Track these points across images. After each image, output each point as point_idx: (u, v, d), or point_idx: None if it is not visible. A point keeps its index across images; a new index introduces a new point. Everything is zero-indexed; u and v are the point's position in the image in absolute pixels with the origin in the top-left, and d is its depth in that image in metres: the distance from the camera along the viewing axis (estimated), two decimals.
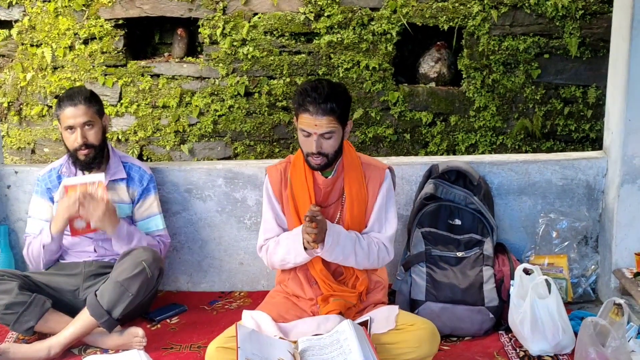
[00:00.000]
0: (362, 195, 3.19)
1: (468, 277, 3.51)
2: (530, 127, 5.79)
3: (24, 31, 6.13)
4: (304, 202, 3.16)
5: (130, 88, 6.06)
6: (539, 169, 3.92)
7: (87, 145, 3.50)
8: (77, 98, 3.52)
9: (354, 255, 3.12)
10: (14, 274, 3.45)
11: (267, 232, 3.27)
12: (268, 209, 3.27)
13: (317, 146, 3.02)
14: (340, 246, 3.08)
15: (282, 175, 3.24)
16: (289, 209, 3.20)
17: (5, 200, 4.02)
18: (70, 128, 3.50)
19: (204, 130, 6.04)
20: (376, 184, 3.21)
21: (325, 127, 3.00)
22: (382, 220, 3.22)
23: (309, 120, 3.00)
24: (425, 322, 3.02)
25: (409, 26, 5.78)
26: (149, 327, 3.59)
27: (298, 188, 3.19)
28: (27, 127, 6.32)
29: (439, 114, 5.91)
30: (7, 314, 3.30)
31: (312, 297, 3.18)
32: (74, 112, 3.49)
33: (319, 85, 3.02)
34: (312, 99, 2.98)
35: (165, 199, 3.93)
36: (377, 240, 3.19)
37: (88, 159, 3.52)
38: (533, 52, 5.72)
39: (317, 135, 3.01)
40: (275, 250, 3.19)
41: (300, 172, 3.19)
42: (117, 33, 6.04)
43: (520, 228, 3.95)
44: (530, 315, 3.21)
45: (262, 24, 5.85)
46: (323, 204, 3.19)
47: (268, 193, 3.27)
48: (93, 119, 3.53)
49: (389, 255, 3.23)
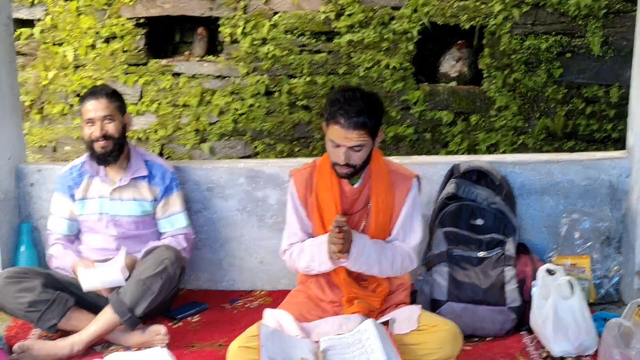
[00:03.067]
0: (389, 204, 3.14)
1: (490, 277, 3.50)
2: (552, 126, 5.76)
3: (46, 30, 6.18)
4: (330, 209, 3.11)
5: (151, 87, 6.10)
6: (561, 169, 3.90)
7: (106, 137, 3.52)
8: (99, 93, 3.56)
9: (378, 265, 3.08)
10: (37, 271, 3.49)
11: (291, 236, 3.23)
12: (293, 214, 3.22)
13: (345, 158, 2.95)
14: (365, 256, 3.04)
15: (307, 180, 3.19)
16: (314, 215, 3.16)
17: (29, 198, 4.05)
18: (91, 121, 3.53)
19: (224, 129, 6.06)
20: (403, 192, 3.15)
21: (355, 141, 2.93)
22: (407, 229, 3.17)
23: (339, 133, 2.93)
24: (448, 323, 3.00)
25: (430, 25, 5.77)
26: (171, 325, 3.61)
27: (324, 195, 3.14)
28: (49, 126, 6.37)
29: (460, 114, 5.89)
30: (31, 311, 3.33)
31: (334, 300, 3.17)
32: (95, 105, 3.52)
33: (352, 97, 2.93)
34: (345, 111, 2.90)
35: (186, 197, 3.94)
36: (402, 250, 3.15)
37: (105, 151, 3.54)
38: (555, 51, 5.69)
39: (347, 147, 2.95)
40: (299, 257, 3.16)
41: (327, 179, 3.13)
42: (139, 32, 6.07)
43: (543, 228, 3.93)
44: (552, 316, 3.19)
45: (282, 23, 5.87)
46: (348, 212, 3.14)
47: (293, 198, 3.21)
48: (113, 113, 3.55)
49: (413, 264, 3.19)
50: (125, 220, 3.65)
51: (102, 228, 3.66)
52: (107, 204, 3.64)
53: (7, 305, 3.36)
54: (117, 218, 3.64)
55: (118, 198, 3.64)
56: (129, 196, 3.65)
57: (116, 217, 3.64)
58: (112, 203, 3.64)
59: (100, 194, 3.65)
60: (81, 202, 3.66)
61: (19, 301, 3.33)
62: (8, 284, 3.35)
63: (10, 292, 3.34)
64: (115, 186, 3.63)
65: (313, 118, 5.96)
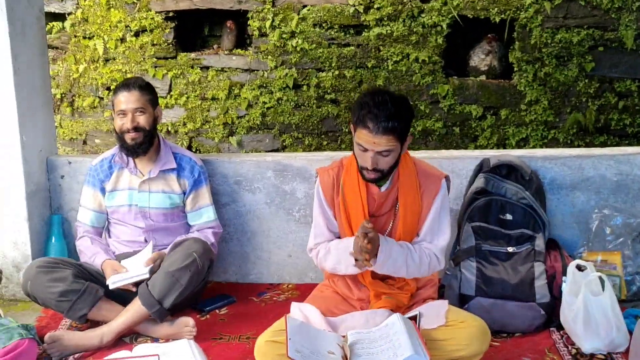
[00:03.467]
0: (416, 206, 3.10)
1: (519, 272, 3.48)
2: (583, 121, 5.70)
3: (77, 24, 6.24)
4: (357, 211, 3.09)
5: (179, 80, 6.13)
6: (593, 164, 3.86)
7: (137, 129, 3.55)
8: (132, 85, 3.59)
9: (405, 268, 3.05)
10: (68, 262, 3.52)
11: (318, 236, 3.21)
12: (319, 214, 3.19)
13: (372, 163, 2.91)
14: (392, 260, 3.01)
15: (334, 180, 3.15)
16: (341, 216, 3.14)
17: (59, 190, 4.10)
18: (122, 112, 3.56)
19: (253, 122, 6.08)
20: (431, 194, 3.11)
21: (384, 146, 2.88)
22: (435, 230, 3.13)
23: (368, 137, 2.88)
24: (476, 320, 2.97)
25: (460, 18, 5.73)
26: (199, 317, 3.63)
27: (350, 197, 3.10)
28: (79, 119, 6.44)
29: (489, 108, 5.85)
30: (62, 301, 3.37)
31: (362, 298, 3.16)
32: (127, 97, 3.55)
33: (382, 101, 2.87)
34: (374, 115, 2.85)
35: (214, 190, 3.97)
36: (429, 252, 3.11)
37: (135, 142, 3.56)
38: (587, 45, 5.63)
39: (375, 152, 2.91)
40: (325, 258, 3.15)
41: (354, 180, 3.10)
42: (168, 25, 6.11)
43: (573, 224, 3.89)
44: (583, 313, 3.17)
45: (311, 16, 5.86)
46: (375, 214, 3.12)
47: (319, 197, 3.18)
48: (145, 106, 3.57)
49: (440, 265, 3.15)
50: (153, 212, 3.68)
51: (130, 220, 3.69)
52: (136, 196, 3.67)
53: (39, 294, 3.40)
54: (145, 210, 3.67)
55: (147, 190, 3.67)
56: (157, 188, 3.68)
57: (145, 209, 3.67)
58: (140, 195, 3.67)
59: (129, 185, 3.68)
60: (111, 194, 3.69)
61: (50, 290, 3.37)
62: (40, 274, 3.39)
63: (43, 281, 3.38)
64: (144, 178, 3.66)
65: (341, 112, 5.95)
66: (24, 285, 3.43)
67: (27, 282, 3.40)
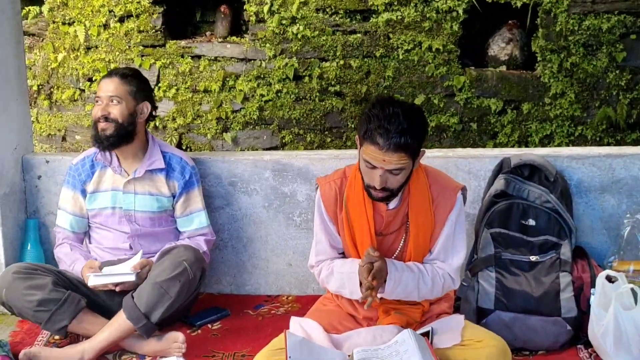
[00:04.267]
0: (429, 223, 3.07)
1: (543, 284, 3.48)
2: (614, 116, 5.71)
3: (56, 8, 6.25)
4: (362, 230, 3.06)
5: (168, 70, 6.14)
6: (624, 164, 3.86)
7: (107, 119, 3.54)
8: (115, 72, 3.62)
9: (417, 291, 3.04)
10: (48, 269, 3.53)
11: (320, 254, 3.18)
12: (321, 230, 3.16)
13: (381, 182, 2.85)
14: (402, 286, 3.00)
15: (337, 194, 3.10)
16: (344, 233, 3.11)
17: (36, 192, 4.10)
18: (98, 99, 3.59)
19: (249, 117, 6.09)
20: (445, 209, 3.07)
21: (394, 164, 2.82)
22: (449, 249, 3.10)
23: (376, 154, 2.81)
24: (495, 339, 2.97)
25: (478, 3, 5.74)
26: (189, 333, 3.64)
27: (355, 214, 3.06)
28: (58, 112, 6.45)
29: (510, 101, 5.86)
30: (40, 310, 3.37)
31: (369, 317, 3.14)
32: (106, 83, 3.58)
33: (393, 114, 2.79)
34: (384, 130, 2.77)
35: (207, 192, 3.97)
36: (443, 272, 3.09)
37: (103, 134, 3.55)
38: (618, 33, 5.63)
39: (384, 170, 2.85)
40: (328, 279, 3.13)
41: (359, 196, 3.05)
42: (155, 10, 6.12)
43: (603, 230, 3.90)
44: (613, 328, 3.16)
45: (313, 1, 5.87)
46: (383, 232, 3.09)
47: (321, 212, 3.14)
48: (122, 96, 3.57)
49: (455, 285, 3.15)
50: (139, 215, 3.68)
51: (114, 224, 3.69)
52: (120, 198, 3.67)
53: (15, 303, 3.40)
54: (130, 213, 3.67)
55: (132, 191, 3.67)
56: (144, 190, 3.68)
57: (130, 212, 3.67)
58: (125, 196, 3.67)
59: (113, 186, 3.68)
60: (93, 196, 3.69)
61: (27, 299, 3.37)
62: (17, 280, 3.40)
63: (19, 288, 3.38)
64: (129, 178, 3.66)
65: (346, 105, 5.96)
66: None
67: (2, 289, 3.41)
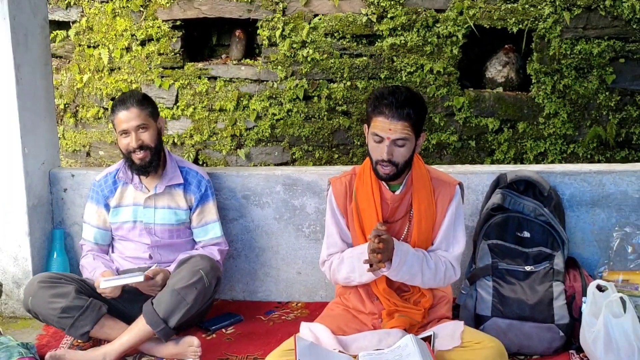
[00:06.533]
0: (431, 212, 3.16)
1: (537, 292, 3.47)
2: (604, 135, 5.69)
3: (81, 32, 6.29)
4: (370, 217, 3.13)
5: (186, 90, 6.16)
6: (614, 180, 3.85)
7: (143, 147, 3.55)
8: (129, 101, 3.57)
9: (421, 275, 3.09)
10: (71, 277, 3.54)
11: (331, 247, 3.25)
12: (332, 224, 3.25)
13: (388, 152, 2.99)
14: (407, 265, 3.04)
15: (347, 188, 3.22)
16: (354, 224, 3.18)
17: (62, 204, 4.12)
18: (125, 132, 3.56)
19: (261, 134, 6.10)
20: (445, 200, 3.18)
21: (399, 133, 2.98)
22: (450, 238, 3.19)
23: (383, 124, 2.98)
24: (493, 341, 2.99)
25: (476, 28, 5.74)
26: (204, 337, 3.64)
27: (364, 202, 3.16)
28: (83, 130, 6.47)
29: (507, 121, 5.85)
30: (64, 317, 3.38)
31: (374, 312, 3.17)
32: (127, 116, 3.55)
33: (396, 90, 3.02)
34: (389, 102, 2.97)
35: (222, 205, 3.98)
36: (445, 260, 3.16)
37: (144, 162, 3.57)
38: (608, 57, 5.62)
39: (390, 140, 2.98)
40: (339, 268, 3.18)
41: (367, 185, 3.16)
42: (175, 34, 6.14)
43: (593, 242, 3.88)
44: (603, 335, 3.15)
45: (322, 26, 5.89)
46: (390, 220, 3.16)
47: (332, 206, 3.25)
48: (146, 121, 3.58)
49: (456, 275, 3.20)
50: (159, 228, 3.69)
51: (135, 236, 3.71)
52: (141, 212, 3.69)
53: (41, 310, 3.42)
54: (150, 226, 3.68)
55: (152, 206, 3.68)
56: (163, 204, 3.69)
57: (150, 225, 3.68)
58: (146, 211, 3.68)
59: (134, 201, 3.70)
60: (115, 210, 3.71)
61: (52, 306, 3.39)
62: (42, 289, 3.41)
63: (44, 297, 3.40)
64: (150, 194, 3.68)
65: (353, 124, 5.96)
66: (25, 301, 3.45)
67: (29, 297, 3.42)
